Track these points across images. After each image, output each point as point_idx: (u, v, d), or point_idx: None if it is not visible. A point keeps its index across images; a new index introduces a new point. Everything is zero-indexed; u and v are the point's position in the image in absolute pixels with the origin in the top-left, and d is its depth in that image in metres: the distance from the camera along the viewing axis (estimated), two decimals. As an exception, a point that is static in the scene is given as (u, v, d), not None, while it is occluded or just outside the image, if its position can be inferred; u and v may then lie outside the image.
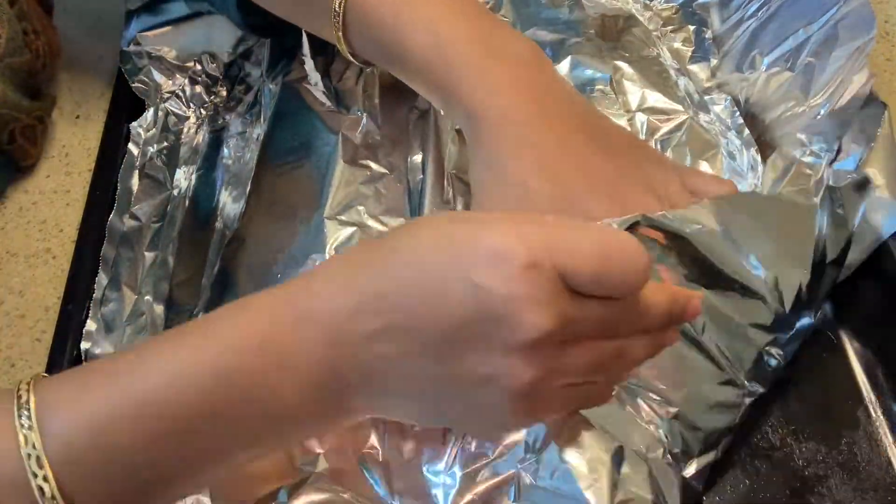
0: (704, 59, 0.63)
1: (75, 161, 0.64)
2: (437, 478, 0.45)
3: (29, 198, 0.62)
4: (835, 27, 0.55)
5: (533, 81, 0.48)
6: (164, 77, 0.64)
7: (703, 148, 0.57)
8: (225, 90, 0.64)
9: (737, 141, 0.58)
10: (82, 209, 0.59)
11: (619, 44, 0.63)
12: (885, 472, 0.47)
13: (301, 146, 0.58)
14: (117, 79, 0.65)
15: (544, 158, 0.46)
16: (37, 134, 0.62)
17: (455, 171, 0.55)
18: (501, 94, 0.47)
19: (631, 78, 0.60)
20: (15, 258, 0.59)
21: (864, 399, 0.50)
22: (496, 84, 0.47)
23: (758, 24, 0.61)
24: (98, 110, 0.66)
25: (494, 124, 0.47)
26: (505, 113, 0.47)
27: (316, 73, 0.61)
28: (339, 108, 0.60)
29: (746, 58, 0.61)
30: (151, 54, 0.65)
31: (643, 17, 0.65)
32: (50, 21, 0.65)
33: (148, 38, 0.65)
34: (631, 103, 0.59)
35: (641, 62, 0.61)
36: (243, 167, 0.59)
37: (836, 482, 0.47)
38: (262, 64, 0.63)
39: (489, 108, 0.47)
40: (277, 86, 0.61)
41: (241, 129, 0.61)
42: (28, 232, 0.60)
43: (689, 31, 0.65)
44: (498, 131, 0.47)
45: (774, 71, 0.58)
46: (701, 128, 0.58)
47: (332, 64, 0.61)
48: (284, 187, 0.57)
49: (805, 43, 0.57)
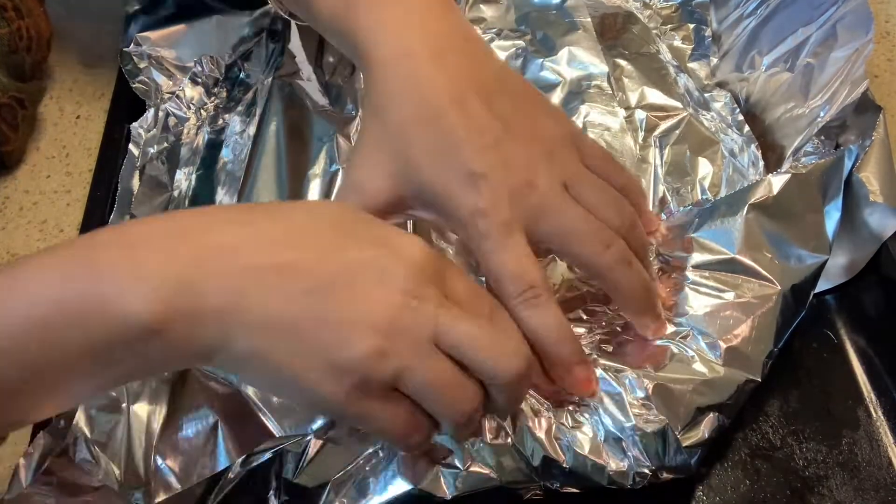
0: (704, 56, 0.64)
1: (76, 161, 0.64)
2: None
3: (30, 198, 0.62)
4: (833, 27, 0.55)
5: (432, 24, 0.46)
6: (165, 78, 0.64)
7: (703, 145, 0.57)
8: (225, 91, 0.64)
9: (737, 138, 0.58)
10: (83, 209, 0.59)
11: (619, 41, 0.63)
12: (886, 471, 0.47)
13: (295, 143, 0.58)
14: (118, 79, 0.65)
15: (427, 105, 0.44)
16: (17, 118, 0.62)
17: None
18: (396, 33, 0.46)
19: (630, 75, 0.60)
20: (16, 258, 0.59)
21: (865, 399, 0.50)
22: (392, 23, 0.46)
23: (757, 22, 0.61)
24: (98, 110, 0.66)
25: (385, 63, 0.45)
26: (394, 55, 0.45)
27: (308, 66, 0.61)
28: (333, 106, 0.60)
29: (746, 57, 0.61)
30: (152, 55, 0.65)
31: (643, 16, 0.65)
32: (39, 5, 0.65)
33: (148, 38, 0.65)
34: (630, 100, 0.59)
35: (641, 59, 0.61)
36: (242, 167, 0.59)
37: (836, 482, 0.47)
38: (261, 65, 0.64)
39: (381, 45, 0.46)
40: (270, 83, 0.61)
41: (241, 129, 0.61)
42: (29, 232, 0.60)
43: (688, 29, 0.65)
44: (386, 70, 0.45)
45: (774, 71, 0.58)
46: (700, 125, 0.58)
47: (323, 58, 0.60)
48: (278, 185, 0.57)
49: (804, 43, 0.57)
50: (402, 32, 0.46)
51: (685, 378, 0.45)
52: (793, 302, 0.48)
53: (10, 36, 0.61)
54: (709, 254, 0.49)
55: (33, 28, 0.63)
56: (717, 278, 0.49)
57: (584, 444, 0.44)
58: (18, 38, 0.61)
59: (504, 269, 0.44)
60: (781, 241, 0.49)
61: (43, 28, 0.64)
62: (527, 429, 0.44)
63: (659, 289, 0.49)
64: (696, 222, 0.50)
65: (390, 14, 0.46)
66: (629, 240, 0.46)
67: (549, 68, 0.59)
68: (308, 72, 0.60)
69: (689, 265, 0.49)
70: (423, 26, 0.46)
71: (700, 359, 0.46)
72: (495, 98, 0.45)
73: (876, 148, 0.52)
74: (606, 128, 0.56)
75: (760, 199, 0.49)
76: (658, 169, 0.55)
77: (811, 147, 0.53)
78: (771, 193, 0.49)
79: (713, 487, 0.47)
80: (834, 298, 0.54)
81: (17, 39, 0.61)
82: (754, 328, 0.47)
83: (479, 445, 0.44)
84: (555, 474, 0.44)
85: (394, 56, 0.45)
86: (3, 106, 0.60)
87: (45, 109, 0.67)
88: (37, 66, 0.65)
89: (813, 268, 0.49)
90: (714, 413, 0.45)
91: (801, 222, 0.50)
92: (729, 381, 0.46)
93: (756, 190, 0.50)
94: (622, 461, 0.43)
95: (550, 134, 0.47)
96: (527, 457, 0.44)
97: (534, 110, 0.47)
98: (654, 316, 0.47)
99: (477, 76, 0.46)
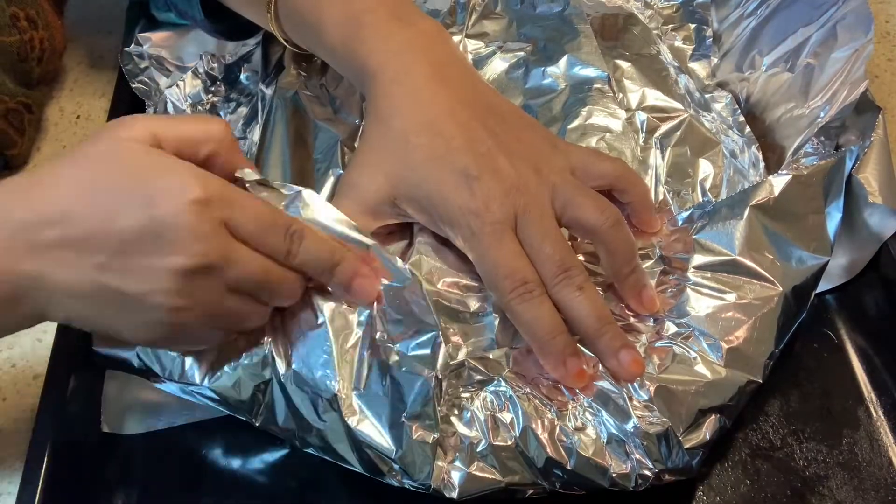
0: (705, 57, 0.64)
1: (76, 161, 0.64)
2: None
3: (30, 198, 0.62)
4: (834, 28, 0.56)
5: (432, 50, 0.51)
6: (165, 78, 0.64)
7: (704, 146, 0.57)
8: (223, 89, 0.64)
9: (738, 139, 0.58)
10: (83, 210, 0.59)
11: (619, 42, 0.63)
12: (886, 471, 0.48)
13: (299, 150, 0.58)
14: (118, 79, 0.65)
15: (428, 117, 0.49)
16: (24, 123, 0.62)
17: None
18: (400, 56, 0.50)
19: (630, 76, 0.60)
20: None
21: (865, 399, 0.50)
22: (396, 47, 0.51)
23: (757, 22, 0.62)
24: (98, 110, 0.66)
25: (389, 83, 0.50)
26: (399, 74, 0.50)
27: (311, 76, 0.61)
28: (336, 115, 0.60)
29: (746, 57, 0.61)
30: (153, 55, 0.65)
31: (643, 16, 0.65)
32: (57, 16, 0.65)
33: (149, 38, 0.65)
34: (631, 102, 0.59)
35: (641, 60, 0.61)
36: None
37: (836, 482, 0.47)
38: (259, 69, 0.64)
39: (387, 68, 0.50)
40: (273, 91, 0.61)
41: (242, 132, 0.61)
42: (29, 232, 0.60)
43: (689, 29, 0.65)
44: (391, 89, 0.50)
45: (774, 72, 0.58)
46: (701, 126, 0.58)
47: (328, 70, 0.61)
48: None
49: (804, 43, 0.57)
50: (406, 56, 0.50)
51: (687, 380, 0.46)
52: (794, 303, 0.48)
53: (21, 45, 0.61)
54: (710, 255, 0.49)
55: (47, 40, 0.63)
56: (719, 279, 0.49)
57: (587, 446, 0.44)
58: (30, 48, 0.61)
59: (497, 267, 0.46)
60: (783, 242, 0.49)
61: (58, 41, 0.65)
62: (530, 430, 0.44)
63: (642, 302, 0.49)
64: (698, 224, 0.50)
65: (395, 42, 0.51)
66: (610, 239, 0.47)
67: (551, 75, 0.59)
68: (311, 81, 0.61)
69: (691, 266, 0.49)
70: (425, 53, 0.51)
71: (702, 360, 0.46)
72: (488, 116, 0.50)
73: (875, 148, 0.52)
74: (608, 130, 0.56)
75: (762, 201, 0.49)
76: (659, 171, 0.55)
77: (811, 148, 0.53)
78: (772, 195, 0.50)
79: (713, 487, 0.47)
80: (834, 298, 0.54)
81: (28, 49, 0.61)
82: (756, 329, 0.47)
83: (483, 447, 0.44)
84: (557, 476, 0.44)
85: (399, 75, 0.50)
86: (10, 111, 0.60)
87: (46, 109, 0.67)
88: (49, 75, 0.66)
89: (814, 269, 0.49)
90: (716, 415, 0.45)
91: (802, 223, 0.50)
92: (730, 382, 0.46)
93: (758, 191, 0.50)
94: (625, 463, 0.44)
95: (538, 149, 0.50)
96: (530, 458, 0.44)
97: (522, 129, 0.51)
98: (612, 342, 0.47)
99: (472, 97, 0.50)
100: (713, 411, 0.45)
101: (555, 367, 0.46)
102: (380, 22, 0.51)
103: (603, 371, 0.46)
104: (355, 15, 0.51)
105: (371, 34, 0.51)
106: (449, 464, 0.44)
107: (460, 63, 0.53)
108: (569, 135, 0.56)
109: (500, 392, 0.45)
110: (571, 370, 0.46)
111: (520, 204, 0.47)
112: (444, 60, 0.51)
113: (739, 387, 0.46)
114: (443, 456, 0.44)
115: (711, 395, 0.45)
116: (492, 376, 0.46)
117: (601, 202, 0.48)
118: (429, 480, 0.43)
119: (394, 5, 0.52)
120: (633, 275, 0.48)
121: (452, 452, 0.44)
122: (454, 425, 0.45)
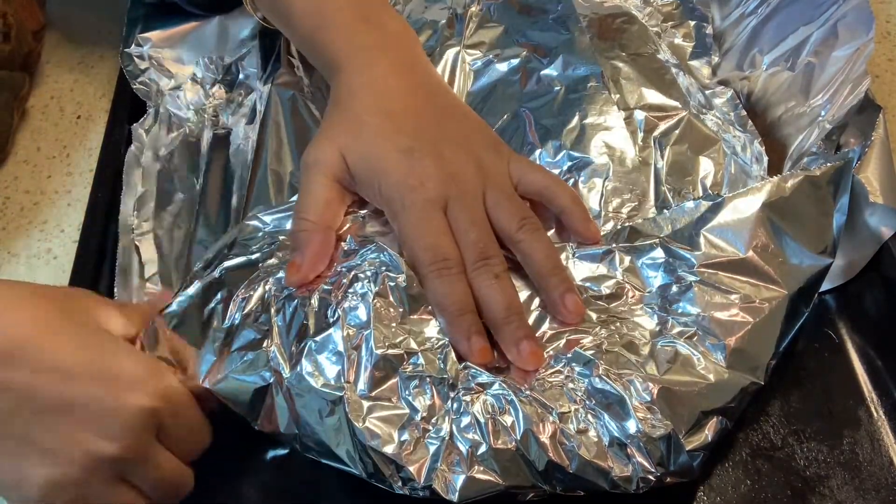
0: (705, 54, 0.64)
1: (77, 161, 0.64)
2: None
3: (30, 198, 0.62)
4: (834, 27, 0.56)
5: (396, 50, 0.55)
6: (165, 78, 0.64)
7: (703, 144, 0.57)
8: (224, 91, 0.64)
9: (740, 134, 0.58)
10: (84, 210, 0.59)
11: (617, 42, 0.62)
12: (887, 471, 0.48)
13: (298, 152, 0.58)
14: (118, 79, 0.65)
15: (383, 103, 0.52)
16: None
17: None
18: (365, 52, 0.54)
19: (628, 76, 0.60)
20: (16, 258, 0.59)
21: (866, 399, 0.50)
22: (361, 44, 0.54)
23: (758, 20, 0.62)
24: (99, 111, 0.66)
25: (352, 73, 0.54)
26: (363, 67, 0.54)
27: (306, 77, 0.61)
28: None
29: (747, 56, 0.61)
30: (153, 56, 0.65)
31: (642, 14, 0.65)
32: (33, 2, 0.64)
33: (149, 39, 0.66)
34: (628, 101, 0.58)
35: (639, 60, 0.61)
36: (243, 169, 0.59)
37: (837, 482, 0.47)
38: (257, 68, 0.64)
39: (352, 61, 0.54)
40: (272, 91, 0.61)
41: (242, 131, 0.61)
42: (29, 232, 0.60)
43: (689, 26, 0.65)
44: (352, 79, 0.53)
45: (775, 70, 0.58)
46: (701, 124, 0.57)
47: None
48: (280, 192, 0.57)
49: (805, 42, 0.57)
50: (373, 52, 0.54)
51: (690, 381, 0.46)
52: (798, 305, 0.48)
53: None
54: (718, 252, 0.49)
55: (11, 15, 0.62)
56: (725, 278, 0.49)
57: (589, 449, 0.44)
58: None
59: (421, 240, 0.49)
60: (791, 243, 0.49)
61: (28, 18, 0.64)
62: (531, 433, 0.44)
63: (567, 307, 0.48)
64: (705, 217, 0.50)
65: (363, 40, 0.55)
66: (525, 246, 0.49)
67: (548, 76, 0.59)
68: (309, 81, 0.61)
69: (698, 263, 0.49)
70: (388, 52, 0.55)
71: (705, 360, 0.46)
72: (441, 113, 0.54)
73: (876, 148, 0.52)
74: (605, 129, 0.56)
75: (773, 200, 0.49)
76: (659, 170, 0.55)
77: (815, 148, 0.53)
78: (784, 194, 0.49)
79: (714, 487, 0.47)
80: (835, 298, 0.54)
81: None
82: (759, 330, 0.47)
83: (483, 450, 0.44)
84: (559, 479, 0.44)
85: (362, 68, 0.54)
86: None
87: (46, 109, 0.67)
88: (23, 57, 0.65)
89: (819, 271, 0.49)
90: (718, 416, 0.45)
91: (812, 225, 0.50)
92: (733, 384, 0.46)
93: (769, 190, 0.50)
94: (626, 466, 0.44)
95: (482, 149, 0.53)
96: (531, 461, 0.44)
97: (471, 130, 0.54)
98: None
99: (428, 94, 0.54)
100: (715, 413, 0.45)
101: (459, 342, 0.47)
102: (346, 20, 0.55)
103: (603, 375, 0.46)
104: (322, 9, 0.55)
105: (337, 36, 0.55)
106: (450, 467, 0.44)
107: (422, 64, 0.56)
108: (567, 136, 0.56)
109: (500, 395, 0.45)
110: (475, 346, 0.47)
111: (454, 190, 0.50)
112: (406, 61, 0.55)
113: (742, 388, 0.46)
114: (444, 459, 0.44)
115: (714, 397, 0.45)
116: (493, 379, 0.46)
117: (524, 211, 0.50)
118: (430, 483, 0.43)
119: (361, 3, 0.56)
120: (552, 278, 0.49)
121: (453, 456, 0.44)
122: (455, 428, 0.45)
